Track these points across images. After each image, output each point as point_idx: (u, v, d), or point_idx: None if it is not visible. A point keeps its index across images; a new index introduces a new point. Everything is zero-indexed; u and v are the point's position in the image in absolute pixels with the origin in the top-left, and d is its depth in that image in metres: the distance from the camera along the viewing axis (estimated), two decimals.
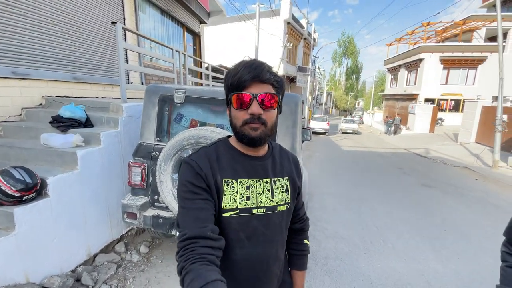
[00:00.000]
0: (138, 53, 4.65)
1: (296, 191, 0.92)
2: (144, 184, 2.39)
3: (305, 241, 1.03)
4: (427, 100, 18.69)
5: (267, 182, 0.83)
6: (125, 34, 4.30)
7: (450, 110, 19.22)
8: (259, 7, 9.72)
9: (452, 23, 18.52)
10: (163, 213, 2.35)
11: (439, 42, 19.83)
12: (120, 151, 2.74)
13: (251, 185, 0.81)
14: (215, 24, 16.39)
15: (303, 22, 19.71)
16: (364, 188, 5.69)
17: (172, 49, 4.26)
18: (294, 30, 17.91)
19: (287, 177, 0.89)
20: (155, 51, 5.87)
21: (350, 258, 2.97)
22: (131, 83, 4.64)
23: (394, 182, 6.33)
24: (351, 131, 18.84)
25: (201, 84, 6.34)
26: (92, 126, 2.75)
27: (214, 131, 2.01)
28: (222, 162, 0.80)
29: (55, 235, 2.08)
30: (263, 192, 0.82)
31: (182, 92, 2.37)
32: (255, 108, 0.73)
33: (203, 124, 2.43)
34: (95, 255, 2.49)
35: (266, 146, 0.88)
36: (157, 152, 2.35)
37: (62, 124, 2.58)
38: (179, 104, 2.43)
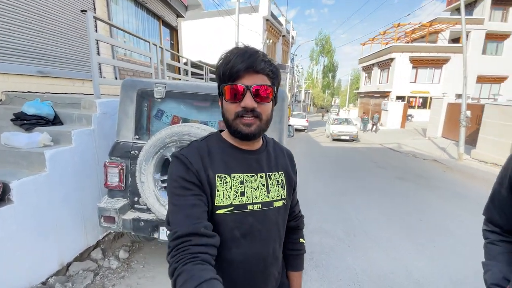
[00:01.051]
0: (111, 45, 4.35)
1: (292, 186, 0.89)
2: (123, 185, 2.24)
3: (301, 240, 1.00)
4: (398, 98, 19.71)
5: (261, 177, 0.79)
6: (96, 25, 3.99)
7: (418, 107, 20.43)
8: (238, 2, 9.59)
9: (420, 24, 19.64)
10: (144, 216, 2.21)
11: (408, 42, 20.95)
12: (94, 150, 2.54)
13: (245, 180, 0.76)
14: (193, 19, 15.97)
15: (281, 19, 19.82)
16: (343, 182, 5.85)
17: (149, 42, 4.05)
18: (273, 27, 17.96)
19: (282, 172, 0.85)
20: (130, 45, 5.55)
21: (335, 251, 3.02)
22: (104, 77, 4.34)
23: (371, 176, 6.58)
24: (347, 137, 12.97)
25: (180, 79, 6.13)
26: (62, 124, 2.53)
27: (199, 127, 1.92)
28: (214, 157, 0.75)
29: (22, 245, 1.87)
30: (258, 187, 0.78)
31: (162, 87, 2.24)
32: (248, 101, 0.68)
33: (185, 120, 2.32)
34: (69, 264, 2.30)
35: (261, 139, 0.83)
36: (136, 151, 2.20)
37: (27, 122, 2.34)
38: (159, 100, 2.30)
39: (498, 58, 19.32)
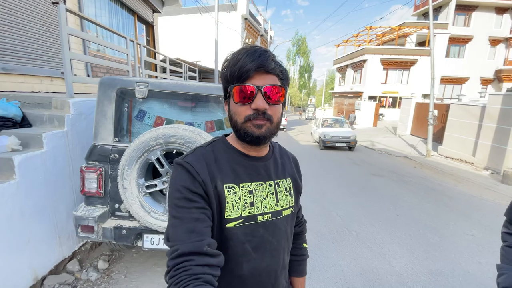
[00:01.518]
0: (82, 40, 4.05)
1: (298, 193, 0.87)
2: (102, 191, 2.09)
3: (304, 244, 0.99)
4: (370, 98, 20.63)
5: (270, 185, 0.76)
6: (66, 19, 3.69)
7: (389, 107, 21.54)
8: None
9: (390, 28, 20.70)
10: (127, 223, 2.09)
11: (379, 45, 21.99)
12: (69, 154, 2.35)
13: (254, 189, 0.72)
14: (170, 15, 15.43)
15: (259, 19, 19.84)
16: (323, 179, 6.00)
17: (125, 38, 3.82)
18: (251, 26, 17.90)
19: (289, 179, 0.83)
20: (103, 40, 5.22)
21: (320, 249, 3.08)
22: (75, 75, 4.04)
23: (348, 173, 6.82)
24: (343, 144, 9.81)
25: (156, 77, 5.89)
26: (30, 125, 2.30)
27: (187, 129, 1.84)
28: (222, 165, 0.71)
29: None
30: (267, 196, 0.74)
31: (144, 86, 2.12)
32: (260, 102, 0.64)
33: (170, 121, 2.22)
34: (43, 278, 2.10)
35: (268, 145, 0.80)
36: (116, 155, 2.07)
37: None
38: (141, 100, 2.17)
39: (460, 61, 21.01)
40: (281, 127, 17.28)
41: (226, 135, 0.80)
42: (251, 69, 0.63)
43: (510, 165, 6.39)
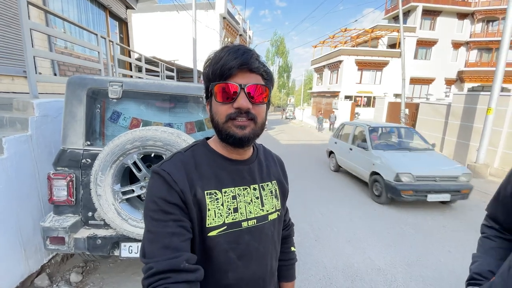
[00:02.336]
0: (48, 36, 3.76)
1: (285, 196, 0.85)
2: (73, 199, 1.94)
3: (292, 248, 0.97)
4: (346, 97, 21.34)
5: (255, 189, 0.73)
6: (29, 12, 3.40)
7: (364, 106, 22.40)
8: None
9: (363, 30, 21.55)
10: (101, 232, 1.95)
11: (354, 46, 22.79)
12: (34, 160, 2.15)
13: (238, 194, 0.69)
14: (145, 12, 14.87)
15: (237, 18, 19.75)
16: (305, 177, 6.09)
17: (96, 34, 3.60)
18: (230, 25, 17.77)
19: (275, 181, 0.80)
20: (72, 37, 4.89)
21: (303, 246, 3.11)
22: (40, 73, 3.74)
23: (328, 171, 6.98)
24: (446, 196, 4.07)
25: (131, 77, 5.64)
26: None
27: (165, 131, 1.76)
28: (203, 170, 0.67)
29: None
30: (252, 200, 0.71)
31: (118, 86, 2.00)
32: (242, 101, 0.61)
33: (147, 123, 2.11)
34: None
35: (251, 147, 0.77)
36: (89, 159, 1.94)
37: None
38: (115, 100, 2.05)
39: (427, 62, 22.40)
40: None
41: (208, 138, 0.76)
42: (234, 67, 0.60)
43: (473, 159, 6.89)
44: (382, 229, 3.61)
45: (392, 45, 22.37)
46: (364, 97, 22.21)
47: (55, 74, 4.14)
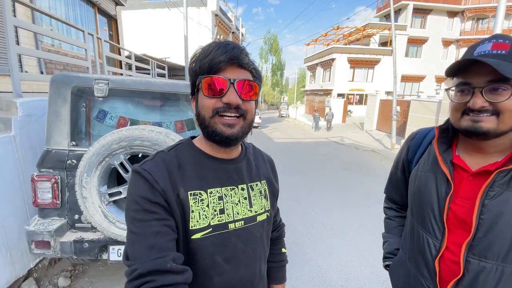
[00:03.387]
0: (34, 34, 3.63)
1: (275, 196, 0.82)
2: (58, 202, 1.88)
3: (283, 249, 0.95)
4: (339, 95, 21.50)
5: (243, 189, 0.70)
6: (14, 10, 3.28)
7: (356, 103, 22.62)
8: None
9: (355, 29, 21.69)
10: (89, 235, 1.89)
11: (346, 44, 22.94)
12: (18, 161, 2.08)
13: (224, 194, 0.67)
14: (135, 9, 14.61)
15: (230, 16, 19.60)
16: (298, 175, 6.10)
17: (83, 31, 3.49)
18: (222, 23, 17.62)
19: (264, 181, 0.78)
20: (59, 34, 4.75)
21: (297, 245, 3.10)
22: (26, 72, 3.61)
23: (321, 168, 7.02)
24: None
25: (121, 75, 5.53)
26: None
27: (153, 130, 1.71)
28: (186, 170, 0.64)
29: None
30: (239, 201, 0.69)
31: (104, 84, 1.93)
32: (232, 96, 0.59)
33: (135, 122, 2.06)
34: None
35: (239, 146, 0.74)
36: (74, 160, 1.87)
37: None
38: (101, 99, 1.98)
39: (418, 60, 22.71)
40: (256, 125, 17.41)
41: (193, 137, 0.73)
42: (223, 61, 0.58)
43: None
44: (375, 226, 3.63)
45: (384, 43, 22.60)
46: (357, 95, 22.43)
47: (41, 73, 4.01)
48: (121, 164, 1.72)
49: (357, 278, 2.53)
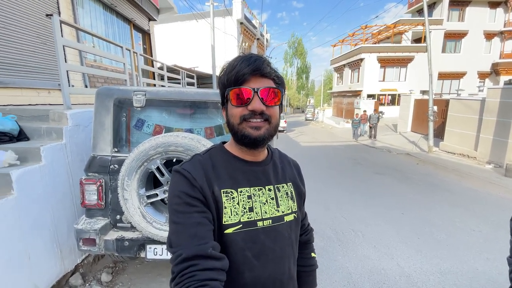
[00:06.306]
0: (79, 51, 4.05)
1: (301, 198, 0.84)
2: (102, 203, 2.06)
3: (312, 254, 0.96)
4: (369, 96, 20.64)
5: (270, 190, 0.74)
6: (61, 30, 3.70)
7: (388, 104, 21.51)
8: (213, 5, 9.48)
9: (385, 26, 20.77)
10: (129, 235, 2.05)
11: (375, 43, 22.04)
12: (68, 167, 2.32)
13: (253, 194, 0.71)
14: (166, 22, 15.53)
15: (254, 22, 19.95)
16: (326, 180, 5.95)
17: (122, 47, 3.82)
18: (247, 30, 18.00)
19: (290, 183, 0.81)
20: (100, 50, 5.23)
21: (327, 251, 3.03)
22: (73, 86, 4.03)
23: (351, 173, 6.78)
24: None
25: (154, 85, 5.90)
26: (28, 139, 2.28)
27: (186, 136, 1.81)
28: (219, 171, 0.70)
29: None
30: (267, 201, 0.73)
31: (142, 95, 2.10)
32: (256, 104, 0.65)
33: (169, 129, 2.19)
34: None
35: (266, 150, 0.79)
36: (116, 165, 2.04)
37: None
38: (139, 109, 2.15)
39: (457, 56, 21.01)
40: (281, 128, 17.37)
41: (224, 142, 0.80)
42: (247, 73, 0.65)
43: None
44: (411, 233, 3.43)
45: (417, 40, 21.32)
46: (388, 95, 21.34)
47: (86, 86, 4.44)
48: (158, 168, 1.85)
49: (391, 287, 2.41)
